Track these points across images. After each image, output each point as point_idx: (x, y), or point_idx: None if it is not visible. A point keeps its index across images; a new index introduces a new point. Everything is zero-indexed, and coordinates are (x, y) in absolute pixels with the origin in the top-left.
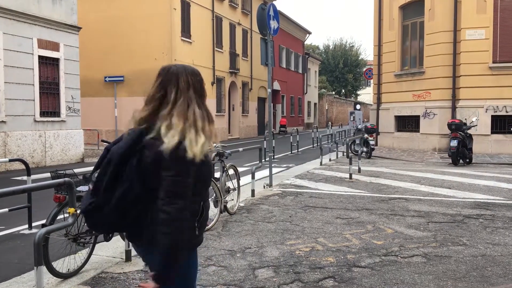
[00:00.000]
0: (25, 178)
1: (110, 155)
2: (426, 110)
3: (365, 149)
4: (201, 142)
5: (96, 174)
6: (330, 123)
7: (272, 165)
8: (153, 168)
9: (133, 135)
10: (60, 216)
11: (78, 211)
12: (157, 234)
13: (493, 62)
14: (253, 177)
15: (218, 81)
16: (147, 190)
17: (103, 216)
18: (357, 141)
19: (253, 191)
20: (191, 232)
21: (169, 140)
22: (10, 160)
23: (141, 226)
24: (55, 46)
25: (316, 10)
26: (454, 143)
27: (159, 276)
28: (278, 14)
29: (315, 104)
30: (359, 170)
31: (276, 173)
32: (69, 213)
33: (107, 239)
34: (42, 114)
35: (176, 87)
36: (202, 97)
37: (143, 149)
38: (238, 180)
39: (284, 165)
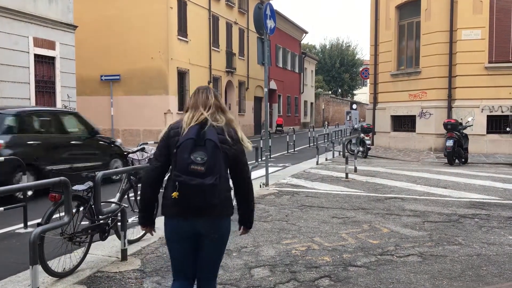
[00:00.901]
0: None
1: (213, 143)
2: (422, 110)
3: (361, 149)
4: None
5: (196, 156)
6: (326, 122)
7: (269, 164)
8: (236, 152)
9: (213, 129)
10: (56, 215)
11: (73, 210)
12: (248, 191)
13: (489, 62)
14: None
15: (214, 80)
16: (226, 170)
17: (218, 189)
18: (354, 141)
19: None
20: None
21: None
22: (6, 159)
23: (228, 201)
24: (51, 45)
25: (313, 10)
26: (450, 143)
27: (252, 220)
28: (274, 14)
29: (311, 103)
30: (355, 170)
31: (272, 172)
32: (173, 196)
33: (103, 238)
34: None
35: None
36: None
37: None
38: None
39: (281, 165)
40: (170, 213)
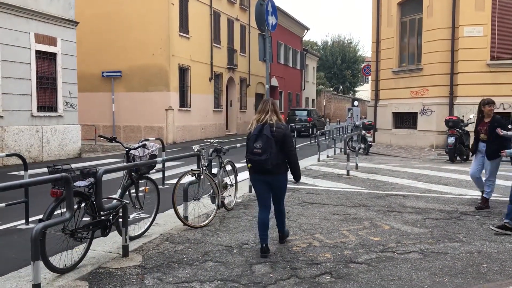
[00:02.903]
0: (22, 173)
1: (266, 136)
2: (424, 107)
3: (362, 146)
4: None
5: (256, 144)
6: (327, 119)
7: None
8: (282, 138)
9: (268, 125)
10: (57, 211)
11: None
12: (292, 160)
13: (491, 59)
14: None
15: (216, 77)
16: (278, 148)
17: (270, 161)
18: (355, 138)
19: (250, 187)
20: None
21: (285, 126)
22: (7, 155)
23: (280, 166)
24: (52, 41)
25: (313, 9)
26: (451, 140)
27: (298, 176)
28: (276, 10)
29: (313, 100)
30: (357, 167)
31: None
32: (248, 166)
33: (104, 234)
34: (39, 109)
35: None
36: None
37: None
38: (236, 176)
39: None
40: (252, 172)
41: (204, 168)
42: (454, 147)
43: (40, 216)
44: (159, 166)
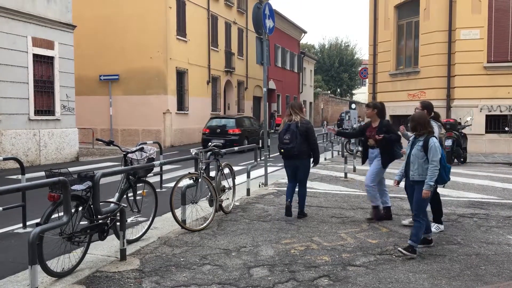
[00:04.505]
0: (19, 176)
1: (292, 130)
2: None
3: (360, 149)
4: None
5: (286, 136)
6: (325, 122)
7: (268, 164)
8: (305, 130)
9: (294, 123)
10: (55, 215)
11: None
12: (314, 148)
13: (488, 62)
14: (248, 176)
15: (213, 80)
16: (303, 139)
17: (296, 149)
18: (352, 141)
19: (248, 190)
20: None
21: (307, 121)
22: (4, 159)
23: (304, 152)
24: (49, 45)
25: (311, 13)
26: (448, 142)
27: (317, 161)
28: (273, 13)
29: (310, 103)
30: (354, 169)
31: (271, 172)
32: (281, 151)
33: (102, 238)
34: (37, 112)
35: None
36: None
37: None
38: (234, 179)
39: (280, 164)
40: (283, 157)
41: (202, 171)
42: (452, 150)
43: (38, 220)
44: (156, 169)
